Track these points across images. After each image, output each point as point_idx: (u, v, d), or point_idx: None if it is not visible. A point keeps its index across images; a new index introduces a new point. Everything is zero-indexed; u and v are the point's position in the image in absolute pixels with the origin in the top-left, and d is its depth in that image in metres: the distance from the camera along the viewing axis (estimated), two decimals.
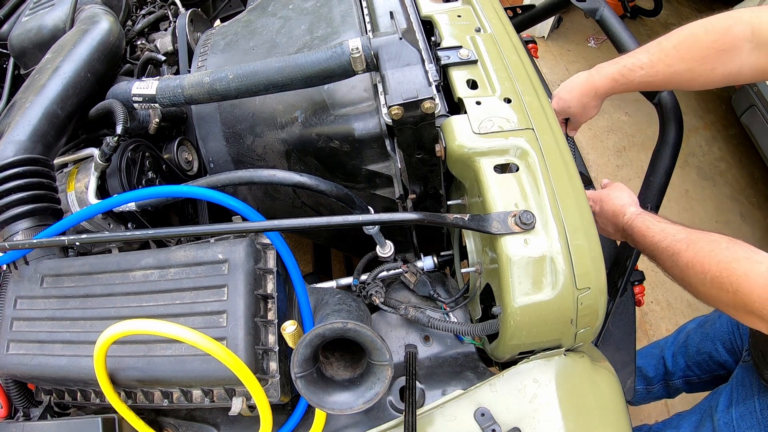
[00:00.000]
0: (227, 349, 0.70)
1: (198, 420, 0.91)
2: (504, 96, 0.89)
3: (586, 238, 0.77)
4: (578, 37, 3.69)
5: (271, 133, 1.06)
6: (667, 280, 2.66)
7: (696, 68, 0.96)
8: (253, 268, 0.79)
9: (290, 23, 1.16)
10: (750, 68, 0.93)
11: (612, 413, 0.83)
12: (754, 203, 2.90)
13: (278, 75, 0.88)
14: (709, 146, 3.13)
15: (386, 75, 0.82)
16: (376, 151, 1.01)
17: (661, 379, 1.69)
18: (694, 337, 1.57)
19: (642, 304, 1.43)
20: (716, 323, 1.48)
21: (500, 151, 0.83)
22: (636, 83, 1.04)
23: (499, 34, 1.02)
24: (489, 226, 0.76)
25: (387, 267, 0.99)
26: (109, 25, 1.15)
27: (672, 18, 3.90)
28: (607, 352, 1.23)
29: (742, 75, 0.94)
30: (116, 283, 0.83)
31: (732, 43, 0.92)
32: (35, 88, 0.98)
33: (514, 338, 0.78)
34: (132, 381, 0.79)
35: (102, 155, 0.93)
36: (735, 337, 1.40)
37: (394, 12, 1.05)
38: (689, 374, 1.60)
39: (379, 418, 0.85)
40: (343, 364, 0.80)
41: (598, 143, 3.07)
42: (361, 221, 0.78)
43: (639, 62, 1.02)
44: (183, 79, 0.93)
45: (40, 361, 0.82)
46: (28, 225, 0.87)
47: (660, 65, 0.99)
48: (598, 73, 1.09)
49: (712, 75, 0.96)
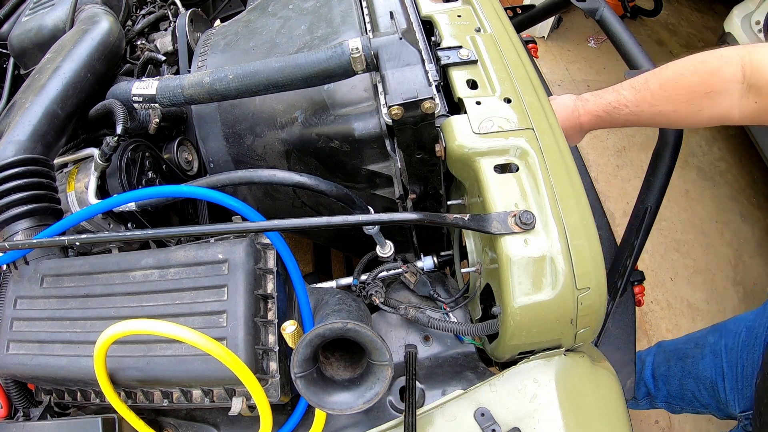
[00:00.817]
0: (227, 349, 0.70)
1: (198, 420, 0.91)
2: (504, 96, 0.89)
3: (586, 238, 0.77)
4: (578, 37, 3.69)
5: (271, 133, 1.06)
6: (667, 280, 2.66)
7: (682, 109, 0.92)
8: (253, 268, 0.79)
9: (290, 23, 1.16)
10: (740, 111, 0.88)
11: (612, 413, 0.83)
12: (754, 203, 2.90)
13: (278, 75, 0.88)
14: (709, 146, 3.13)
15: (386, 75, 0.82)
16: (376, 151, 1.01)
17: (645, 396, 1.67)
18: (675, 370, 1.54)
19: (642, 304, 1.43)
20: (699, 364, 1.45)
21: (500, 151, 0.83)
22: (621, 121, 1.01)
23: (499, 34, 1.02)
24: (489, 226, 0.76)
25: (387, 267, 0.99)
26: (109, 25, 1.15)
27: (672, 18, 3.90)
28: (607, 352, 1.23)
29: (731, 117, 0.90)
30: (116, 283, 0.83)
31: (720, 85, 0.87)
32: (35, 88, 0.98)
33: (514, 338, 0.78)
34: (132, 381, 0.79)
35: (102, 155, 0.93)
36: (717, 386, 1.38)
37: (394, 12, 1.05)
38: (671, 402, 1.59)
39: (379, 418, 0.85)
40: (343, 364, 0.80)
41: (598, 143, 3.07)
42: (361, 221, 0.78)
43: (624, 100, 0.98)
44: (183, 79, 0.93)
45: (40, 361, 0.82)
46: (28, 225, 0.87)
47: (644, 105, 0.96)
48: (584, 107, 1.05)
49: (699, 116, 0.92)
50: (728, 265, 2.64)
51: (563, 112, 1.07)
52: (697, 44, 3.75)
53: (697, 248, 2.67)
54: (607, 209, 2.36)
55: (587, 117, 1.05)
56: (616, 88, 1.01)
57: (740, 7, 2.79)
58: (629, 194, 2.78)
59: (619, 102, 0.99)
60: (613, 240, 1.49)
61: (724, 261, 2.64)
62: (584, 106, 1.05)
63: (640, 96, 0.96)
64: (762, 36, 2.57)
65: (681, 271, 2.58)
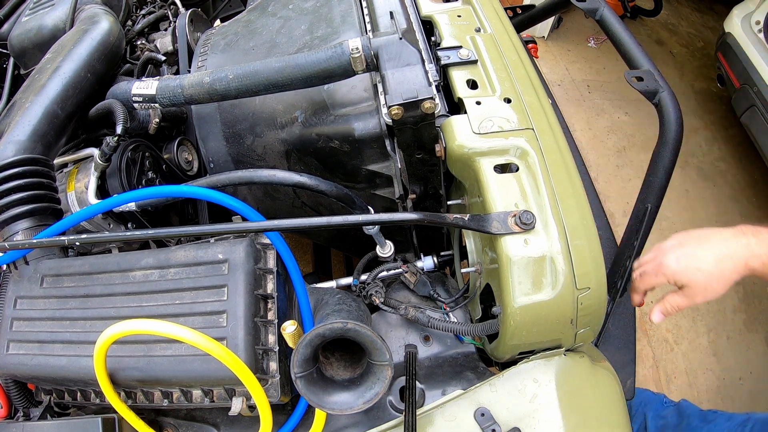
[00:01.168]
0: (227, 349, 0.70)
1: (198, 420, 0.91)
2: (504, 96, 0.89)
3: (586, 238, 0.77)
4: (578, 37, 3.69)
5: (271, 133, 1.06)
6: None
7: None
8: (253, 268, 0.79)
9: (290, 23, 1.16)
10: None
11: (612, 413, 0.83)
12: (754, 203, 2.90)
13: (278, 75, 0.88)
14: (709, 146, 3.13)
15: (386, 75, 0.82)
16: (376, 151, 1.01)
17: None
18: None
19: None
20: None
21: (500, 151, 0.83)
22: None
23: (499, 34, 1.02)
24: (489, 226, 0.76)
25: (387, 267, 0.99)
26: (109, 25, 1.15)
27: (672, 18, 3.90)
28: (607, 352, 1.23)
29: None
30: (116, 283, 0.83)
31: None
32: (35, 88, 0.98)
33: (514, 338, 0.78)
34: (132, 381, 0.79)
35: (102, 155, 0.93)
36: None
37: (394, 12, 1.05)
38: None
39: (379, 418, 0.85)
40: (343, 364, 0.80)
41: (598, 143, 3.07)
42: (361, 221, 0.78)
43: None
44: (183, 79, 0.93)
45: (40, 361, 0.82)
46: (28, 225, 0.87)
47: None
48: (759, 245, 0.80)
49: None
50: None
51: (726, 256, 0.82)
52: (697, 44, 3.75)
53: None
54: (607, 209, 2.36)
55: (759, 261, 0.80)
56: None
57: (740, 7, 2.79)
58: (629, 194, 2.78)
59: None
60: (613, 240, 1.49)
61: None
62: (759, 244, 0.81)
63: None
64: (762, 36, 2.57)
65: None
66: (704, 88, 3.46)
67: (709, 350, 2.37)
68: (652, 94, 1.27)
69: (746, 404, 2.24)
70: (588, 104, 3.27)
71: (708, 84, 3.47)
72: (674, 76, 3.48)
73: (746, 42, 2.62)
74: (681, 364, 2.31)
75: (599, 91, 3.35)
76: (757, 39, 2.59)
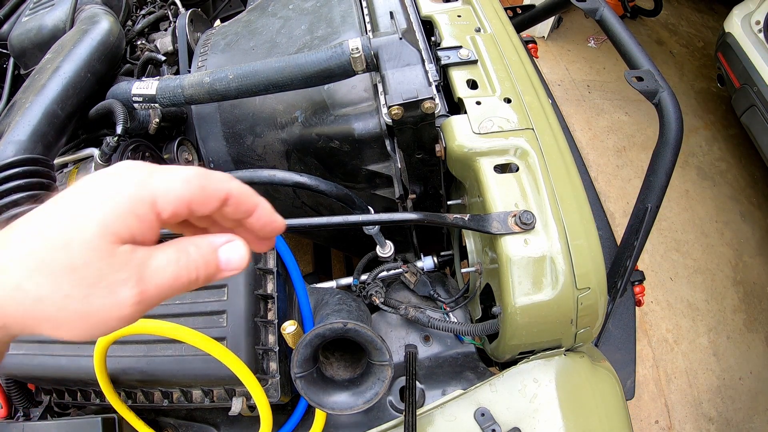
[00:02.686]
0: (227, 349, 0.70)
1: (198, 420, 0.91)
2: (504, 96, 0.89)
3: (586, 238, 0.77)
4: (578, 37, 3.69)
5: (271, 133, 1.06)
6: (667, 280, 2.66)
7: None
8: (253, 268, 0.79)
9: (290, 23, 1.16)
10: None
11: (612, 413, 0.83)
12: (754, 203, 2.90)
13: (278, 75, 0.88)
14: (709, 146, 3.13)
15: (386, 75, 0.82)
16: (376, 151, 1.01)
17: None
18: None
19: (642, 304, 1.43)
20: None
21: (500, 151, 0.83)
22: None
23: (499, 34, 1.02)
24: (489, 226, 0.76)
25: (387, 267, 0.99)
26: (109, 25, 1.15)
27: (672, 18, 3.90)
28: (607, 352, 1.23)
29: None
30: None
31: None
32: (35, 88, 0.98)
33: (514, 338, 0.78)
34: (132, 381, 0.79)
35: (102, 155, 0.93)
36: None
37: (394, 12, 1.04)
38: None
39: (379, 418, 0.85)
40: (343, 364, 0.80)
41: (598, 143, 3.07)
42: (361, 221, 0.78)
43: None
44: (183, 79, 0.93)
45: (40, 361, 0.82)
46: None
47: None
48: None
49: None
50: (728, 265, 2.64)
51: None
52: (697, 44, 3.75)
53: (697, 248, 2.67)
54: (607, 209, 2.37)
55: None
56: None
57: (740, 7, 2.79)
58: (629, 194, 2.78)
59: None
60: (613, 240, 1.49)
61: (724, 261, 2.64)
62: None
63: None
64: (762, 36, 2.57)
65: (681, 271, 2.58)
66: (704, 88, 3.46)
67: (709, 350, 2.37)
68: (652, 94, 1.27)
69: (746, 404, 2.24)
70: (588, 104, 3.27)
71: (708, 84, 3.47)
72: (674, 76, 3.48)
73: (746, 42, 2.62)
74: (681, 364, 2.31)
75: (599, 91, 3.35)
76: (757, 39, 2.60)
